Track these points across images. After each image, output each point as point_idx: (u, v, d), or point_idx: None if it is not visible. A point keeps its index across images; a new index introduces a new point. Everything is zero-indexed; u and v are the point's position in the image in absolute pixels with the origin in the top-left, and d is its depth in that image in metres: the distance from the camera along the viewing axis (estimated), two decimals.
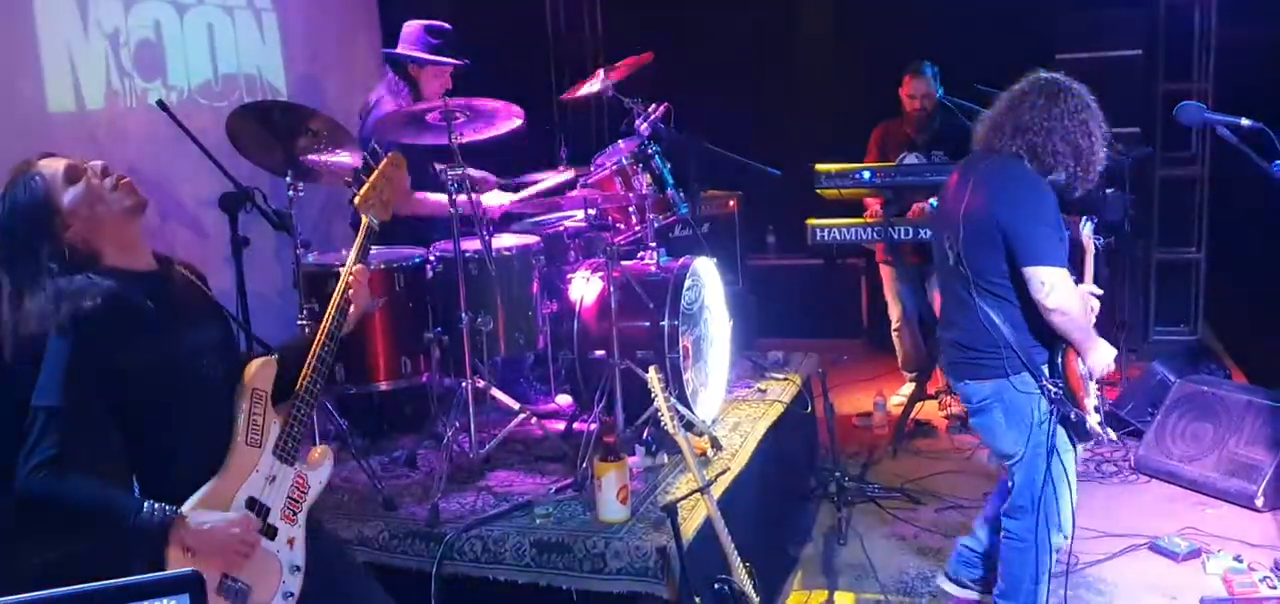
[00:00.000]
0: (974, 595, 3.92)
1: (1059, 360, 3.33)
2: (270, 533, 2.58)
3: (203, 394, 2.55)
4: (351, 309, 2.79)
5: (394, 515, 3.66)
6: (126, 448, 2.47)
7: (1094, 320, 3.48)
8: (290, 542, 2.62)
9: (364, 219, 2.91)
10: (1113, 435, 3.67)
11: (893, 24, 6.98)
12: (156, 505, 2.36)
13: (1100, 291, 3.60)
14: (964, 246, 3.34)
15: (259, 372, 2.64)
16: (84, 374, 2.34)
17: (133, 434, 2.46)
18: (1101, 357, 3.36)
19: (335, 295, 2.78)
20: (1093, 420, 3.41)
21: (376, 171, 2.93)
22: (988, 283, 3.32)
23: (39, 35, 4.23)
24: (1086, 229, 3.68)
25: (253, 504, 2.56)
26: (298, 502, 2.67)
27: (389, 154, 3.00)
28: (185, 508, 2.42)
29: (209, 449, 2.54)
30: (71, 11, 4.41)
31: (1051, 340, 3.34)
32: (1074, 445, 3.45)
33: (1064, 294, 3.23)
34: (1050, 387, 3.30)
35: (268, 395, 2.64)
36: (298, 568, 2.61)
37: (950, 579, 3.97)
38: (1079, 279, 3.50)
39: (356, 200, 2.90)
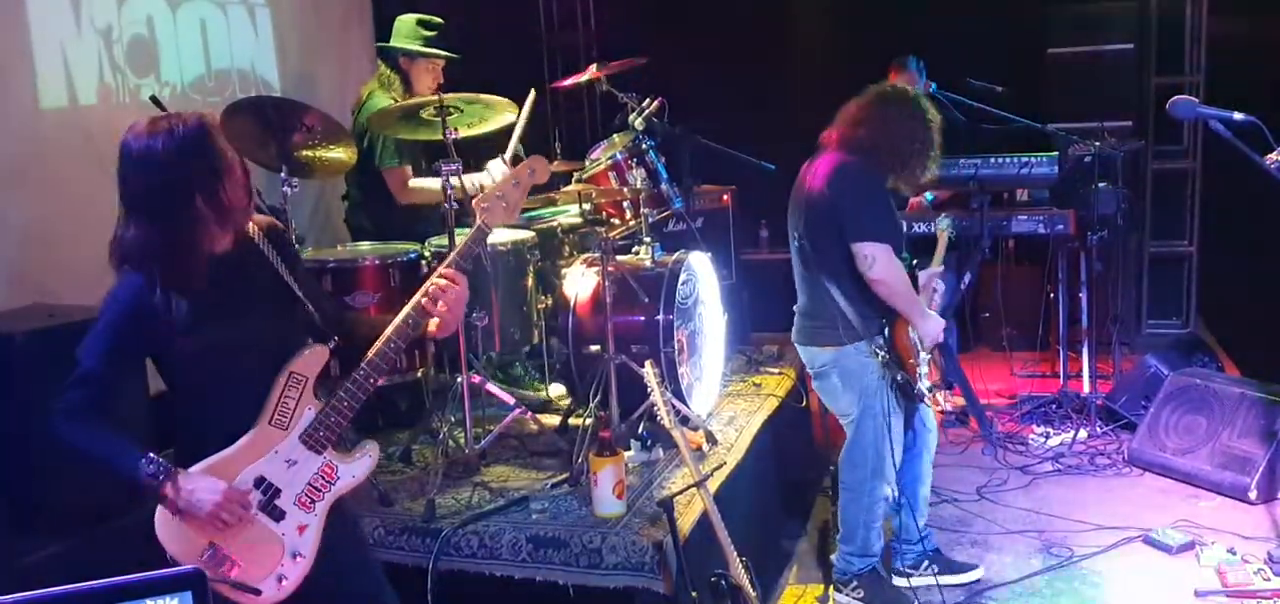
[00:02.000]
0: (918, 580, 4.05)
1: (887, 330, 3.72)
2: (277, 515, 2.58)
3: (237, 377, 2.58)
4: (436, 321, 2.65)
5: (390, 511, 3.66)
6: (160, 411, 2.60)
7: (935, 303, 3.95)
8: (301, 528, 2.60)
9: (479, 219, 2.73)
10: (941, 402, 4.12)
11: (886, 18, 6.98)
12: (155, 461, 2.44)
13: (939, 270, 4.09)
14: (806, 229, 3.75)
15: (305, 357, 2.63)
16: (124, 351, 2.50)
17: (166, 400, 2.58)
18: (930, 327, 3.76)
19: (417, 295, 2.65)
20: (923, 385, 3.79)
21: (511, 172, 2.81)
22: (828, 261, 3.70)
23: (31, 32, 4.21)
24: (942, 223, 4.38)
25: (261, 482, 2.56)
26: (319, 490, 2.63)
27: (533, 157, 2.83)
28: (193, 470, 2.49)
29: (236, 424, 2.57)
30: (64, 7, 4.38)
31: (884, 313, 3.71)
32: (902, 407, 3.82)
33: (884, 267, 3.60)
34: (879, 352, 3.68)
35: (309, 382, 2.62)
36: (299, 555, 2.58)
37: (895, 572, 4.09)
38: (922, 264, 4.01)
39: (477, 200, 2.74)
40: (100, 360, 2.46)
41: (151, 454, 2.45)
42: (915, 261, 3.91)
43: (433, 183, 4.45)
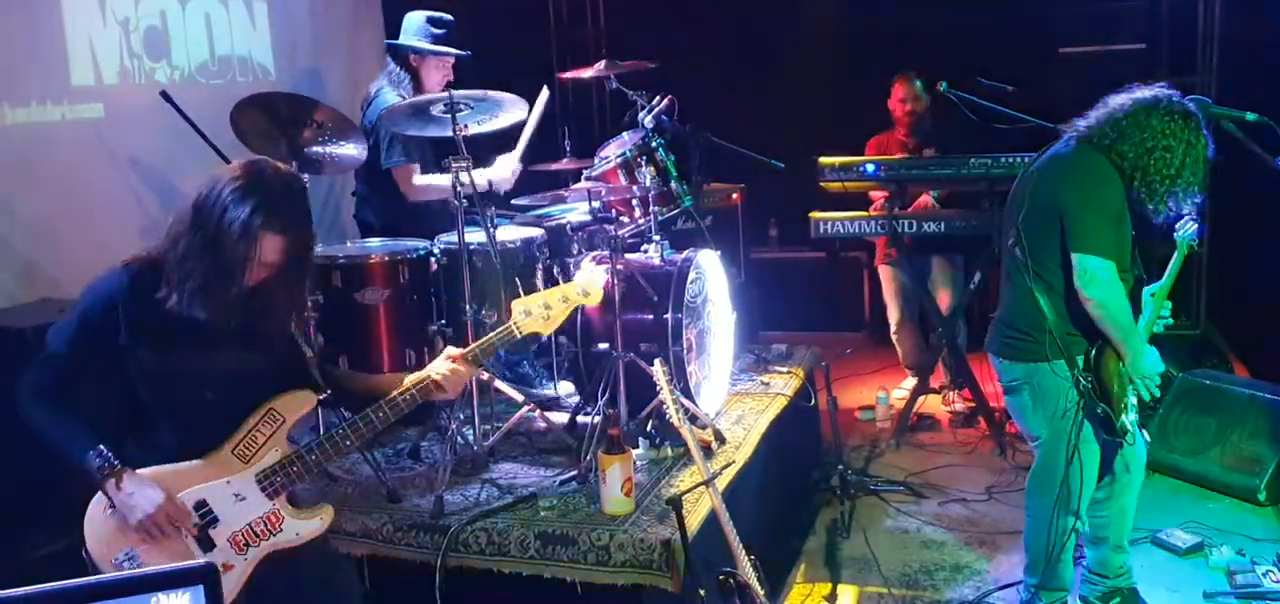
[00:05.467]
0: None
1: (1094, 355, 3.35)
2: (206, 544, 2.54)
3: (188, 405, 2.56)
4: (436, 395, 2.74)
5: (398, 507, 3.66)
6: (116, 404, 2.57)
7: (1152, 327, 3.53)
8: (225, 567, 2.53)
9: (516, 320, 2.77)
10: (1147, 437, 3.64)
11: (896, 17, 6.96)
12: (103, 454, 2.43)
13: (1155, 290, 3.61)
14: (1025, 225, 3.37)
15: (289, 399, 2.62)
16: (91, 342, 2.50)
17: (124, 397, 2.56)
18: (1140, 363, 3.36)
19: (421, 374, 2.71)
20: (1125, 420, 3.40)
21: (560, 289, 2.84)
22: (1041, 267, 3.34)
23: (64, 21, 4.64)
24: (1186, 234, 3.69)
25: (201, 506, 2.53)
26: (257, 535, 2.57)
27: (586, 282, 2.88)
28: (140, 473, 2.47)
29: (181, 445, 2.56)
30: (92, 1, 4.77)
31: (1093, 334, 3.34)
32: (1098, 439, 3.44)
33: (1103, 287, 3.24)
34: (1081, 378, 3.32)
35: (286, 423, 2.60)
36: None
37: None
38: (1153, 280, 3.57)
39: (516, 302, 2.79)
40: (67, 345, 2.50)
41: (102, 447, 2.44)
42: (1142, 277, 3.54)
43: (441, 179, 4.46)
